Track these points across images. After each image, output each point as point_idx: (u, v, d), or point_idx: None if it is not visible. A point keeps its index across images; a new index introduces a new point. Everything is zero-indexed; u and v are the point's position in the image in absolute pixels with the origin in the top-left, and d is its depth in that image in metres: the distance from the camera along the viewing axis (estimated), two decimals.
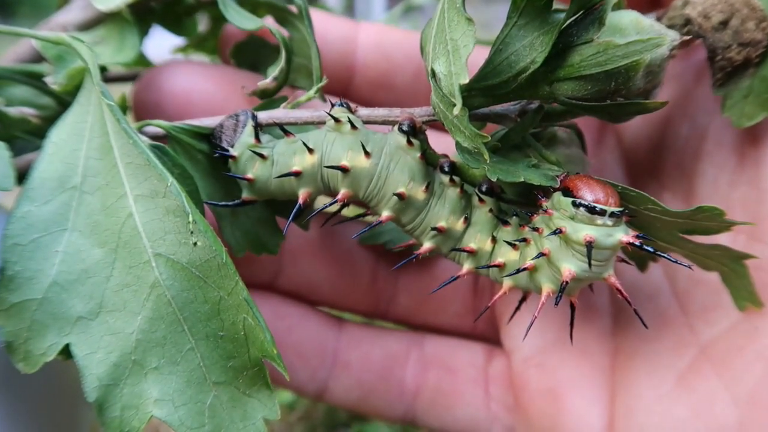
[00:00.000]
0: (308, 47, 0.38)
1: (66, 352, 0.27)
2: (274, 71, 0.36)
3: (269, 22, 0.39)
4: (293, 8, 0.39)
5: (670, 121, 0.39)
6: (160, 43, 0.49)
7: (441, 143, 0.35)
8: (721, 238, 0.32)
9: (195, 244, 0.26)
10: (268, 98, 0.37)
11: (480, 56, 0.29)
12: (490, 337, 0.45)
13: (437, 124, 0.38)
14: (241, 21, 0.36)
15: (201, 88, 0.39)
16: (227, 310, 0.27)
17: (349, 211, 0.39)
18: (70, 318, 0.27)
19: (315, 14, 0.38)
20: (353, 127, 0.32)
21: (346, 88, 0.43)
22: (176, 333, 0.27)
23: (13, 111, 0.36)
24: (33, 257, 0.27)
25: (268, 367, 0.27)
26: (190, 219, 0.26)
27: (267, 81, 0.36)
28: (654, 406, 0.35)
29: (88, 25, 0.40)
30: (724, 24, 0.31)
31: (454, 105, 0.26)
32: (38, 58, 0.39)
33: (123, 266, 0.27)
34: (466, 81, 0.26)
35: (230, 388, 0.27)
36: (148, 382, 0.26)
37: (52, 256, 0.27)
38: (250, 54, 0.42)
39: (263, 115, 0.35)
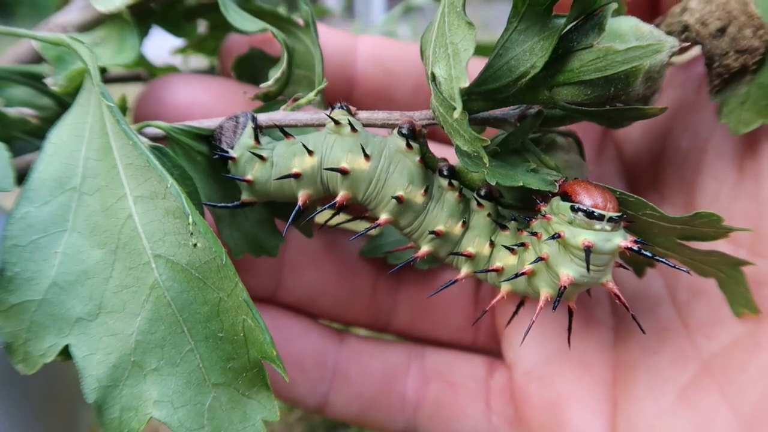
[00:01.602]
0: (311, 57, 0.38)
1: (65, 353, 0.27)
2: (276, 73, 0.36)
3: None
4: (299, 20, 0.39)
5: (671, 133, 0.39)
6: (160, 44, 0.49)
7: (440, 155, 0.35)
8: (722, 251, 0.31)
9: (195, 245, 0.26)
10: (270, 101, 0.37)
11: (477, 66, 0.29)
12: (491, 349, 0.45)
13: (436, 136, 0.39)
14: (243, 23, 0.36)
15: (202, 100, 0.39)
16: (227, 312, 0.27)
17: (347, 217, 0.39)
18: (69, 319, 0.27)
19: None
20: (353, 129, 0.32)
21: (346, 100, 0.43)
22: (176, 334, 0.27)
23: (13, 111, 0.36)
24: (32, 258, 0.27)
25: (268, 371, 0.27)
26: (190, 220, 0.26)
27: (268, 83, 0.37)
28: (655, 421, 0.35)
29: (87, 26, 0.40)
30: (722, 31, 0.32)
31: (454, 108, 0.26)
32: (38, 59, 0.39)
33: (122, 267, 0.27)
34: (467, 85, 0.26)
35: (230, 389, 0.27)
36: (148, 383, 0.26)
37: (51, 257, 0.27)
38: (251, 67, 0.42)
39: (263, 117, 0.35)
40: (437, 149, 0.35)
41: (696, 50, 0.35)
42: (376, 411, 0.42)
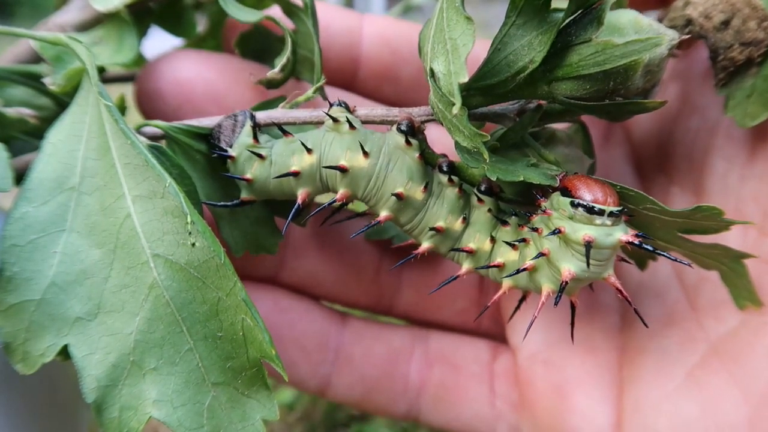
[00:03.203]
0: (309, 38, 0.37)
1: (64, 352, 0.27)
2: (281, 61, 0.36)
3: (277, 12, 0.39)
4: (299, 1, 0.39)
5: (680, 115, 0.38)
6: (159, 44, 0.49)
7: (443, 139, 0.35)
8: (732, 234, 0.31)
9: (193, 244, 0.26)
10: (275, 88, 0.37)
11: (480, 52, 0.29)
12: (495, 333, 0.44)
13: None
14: (243, 15, 0.36)
15: (205, 77, 0.38)
16: (226, 311, 0.26)
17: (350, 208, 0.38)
18: (68, 319, 0.27)
19: (320, 6, 0.38)
20: (351, 126, 0.32)
21: (351, 80, 0.43)
22: (175, 334, 0.27)
23: (11, 111, 0.36)
24: (31, 258, 0.27)
25: (268, 365, 0.27)
26: (189, 220, 0.26)
27: (275, 71, 0.36)
28: (662, 404, 0.35)
29: (86, 26, 0.40)
30: (726, 24, 0.31)
31: (453, 104, 0.26)
32: (36, 59, 0.39)
33: (121, 267, 0.27)
34: (466, 80, 0.26)
35: (229, 388, 0.27)
36: (147, 382, 0.26)
37: (50, 257, 0.27)
38: (255, 44, 0.41)
39: (261, 115, 0.35)
40: (440, 135, 0.35)
41: None
42: (379, 394, 0.42)
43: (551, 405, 0.39)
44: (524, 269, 0.29)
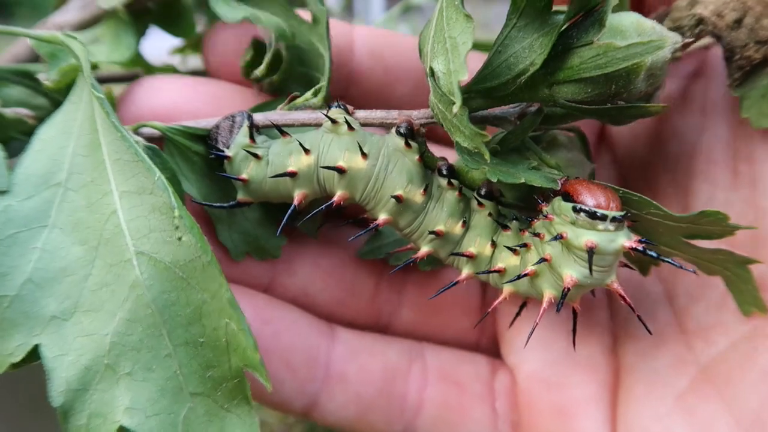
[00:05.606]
0: (313, 55, 0.37)
1: (35, 353, 0.26)
2: (267, 58, 0.36)
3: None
4: (301, 14, 0.38)
5: (661, 138, 0.38)
6: (159, 44, 0.49)
7: (439, 155, 0.34)
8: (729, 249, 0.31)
9: (180, 239, 0.25)
10: (268, 92, 0.36)
11: (477, 62, 0.29)
12: (493, 353, 0.42)
13: (435, 137, 0.37)
14: (230, 12, 0.35)
15: (186, 103, 0.36)
16: (209, 315, 0.25)
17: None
18: (42, 317, 0.26)
19: None
20: (350, 128, 0.31)
21: (341, 98, 0.42)
22: (154, 337, 0.25)
23: (9, 112, 0.36)
24: (9, 253, 0.26)
25: (251, 380, 0.25)
26: (176, 213, 0.25)
27: (261, 68, 0.36)
28: (653, 427, 0.34)
29: (84, 26, 0.40)
30: (738, 22, 0.31)
31: (454, 104, 0.26)
32: (35, 59, 0.39)
33: (103, 264, 0.26)
34: (466, 78, 0.25)
35: (207, 400, 0.25)
36: (120, 388, 0.25)
37: (29, 252, 0.26)
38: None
39: (259, 117, 0.34)
40: (436, 150, 0.35)
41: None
42: (375, 414, 0.38)
43: (552, 426, 0.37)
44: (525, 275, 0.29)
